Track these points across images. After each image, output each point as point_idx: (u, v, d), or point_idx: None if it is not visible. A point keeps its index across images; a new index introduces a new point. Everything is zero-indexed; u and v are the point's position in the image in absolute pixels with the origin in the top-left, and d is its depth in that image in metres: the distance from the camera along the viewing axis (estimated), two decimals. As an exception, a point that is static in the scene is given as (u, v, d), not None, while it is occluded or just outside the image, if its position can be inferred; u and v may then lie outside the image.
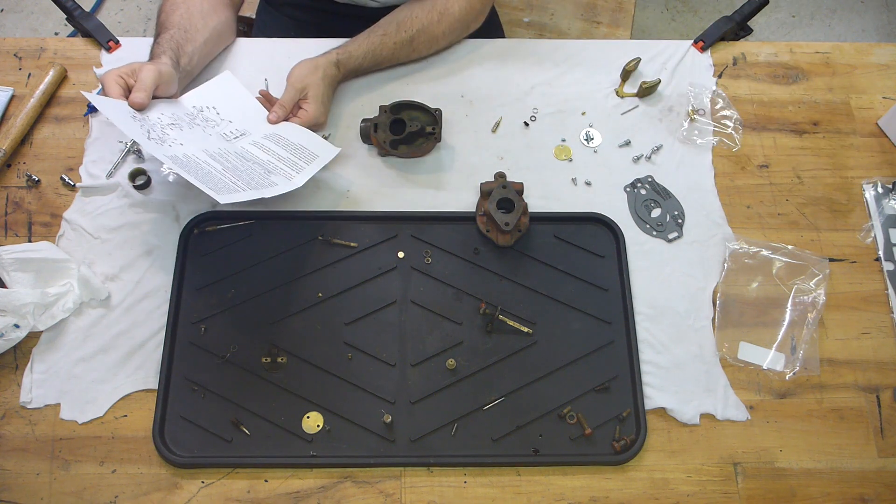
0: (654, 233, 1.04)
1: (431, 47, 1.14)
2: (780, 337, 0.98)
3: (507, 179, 1.03)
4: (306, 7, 1.31)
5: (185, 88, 1.07)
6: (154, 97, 0.97)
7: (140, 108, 0.94)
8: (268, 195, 0.93)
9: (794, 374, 0.96)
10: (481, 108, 1.13)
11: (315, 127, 1.07)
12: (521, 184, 1.03)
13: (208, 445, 0.89)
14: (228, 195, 0.89)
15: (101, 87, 1.08)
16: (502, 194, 1.00)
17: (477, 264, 1.01)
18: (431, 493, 0.88)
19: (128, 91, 0.95)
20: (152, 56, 1.01)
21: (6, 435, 0.90)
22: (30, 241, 1.01)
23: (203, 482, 0.88)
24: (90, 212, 1.03)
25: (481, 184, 1.04)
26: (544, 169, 1.08)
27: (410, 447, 0.90)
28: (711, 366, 0.96)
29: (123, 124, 0.90)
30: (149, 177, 1.05)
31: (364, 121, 1.08)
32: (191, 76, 1.08)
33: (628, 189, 1.07)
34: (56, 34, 2.30)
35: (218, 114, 1.04)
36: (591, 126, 1.12)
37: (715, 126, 1.13)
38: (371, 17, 1.28)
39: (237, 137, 1.02)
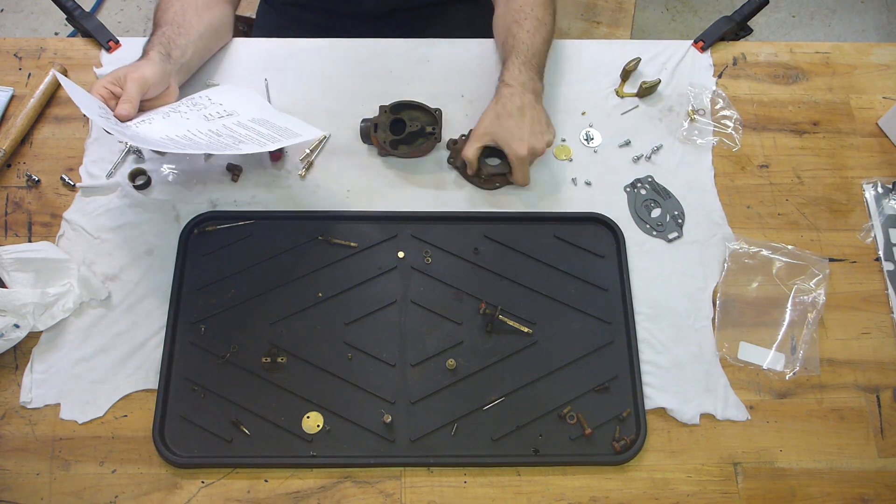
0: (654, 233, 1.04)
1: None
2: (780, 337, 0.98)
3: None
4: (306, 7, 1.31)
5: (185, 87, 1.07)
6: (145, 100, 0.95)
7: (125, 119, 0.91)
8: (227, 152, 0.90)
9: (794, 374, 0.96)
10: (481, 108, 1.12)
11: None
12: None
13: (208, 445, 0.89)
14: (176, 147, 0.87)
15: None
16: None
17: (477, 264, 1.01)
18: (431, 493, 0.88)
19: (115, 100, 0.93)
20: (143, 53, 1.01)
21: (6, 435, 0.90)
22: (30, 241, 1.01)
23: (203, 482, 0.88)
24: (90, 212, 1.03)
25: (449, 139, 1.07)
26: (544, 169, 1.08)
27: (410, 447, 0.90)
28: (711, 366, 0.96)
29: (91, 112, 0.87)
30: (149, 177, 1.05)
31: (364, 121, 1.08)
32: (189, 69, 1.07)
33: (628, 189, 1.07)
34: (56, 34, 2.30)
35: (210, 99, 1.01)
36: (591, 126, 1.12)
37: (715, 126, 1.13)
38: (372, 16, 1.28)
39: (221, 117, 0.98)
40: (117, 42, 1.16)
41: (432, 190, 1.07)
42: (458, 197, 1.06)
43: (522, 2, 1.10)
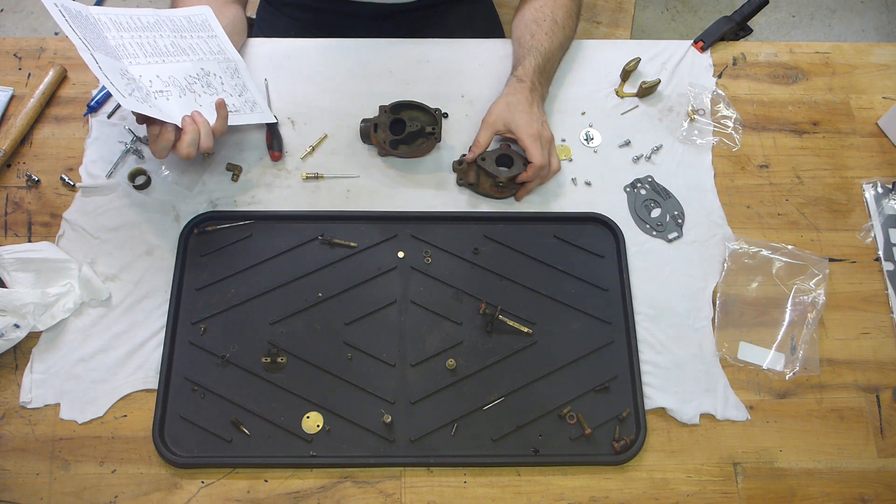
0: (654, 233, 1.04)
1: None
2: (779, 337, 0.98)
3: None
4: (307, 7, 1.31)
5: None
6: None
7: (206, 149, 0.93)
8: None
9: (793, 374, 0.96)
10: (481, 108, 1.13)
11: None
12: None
13: (208, 445, 0.89)
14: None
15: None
16: (501, 152, 1.04)
17: (477, 264, 1.01)
18: (431, 493, 0.88)
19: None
20: None
21: (6, 435, 0.90)
22: (30, 241, 1.01)
23: (203, 482, 0.88)
24: (90, 212, 1.03)
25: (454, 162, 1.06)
26: (544, 169, 1.08)
27: (410, 447, 0.90)
28: (711, 366, 0.96)
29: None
30: (149, 177, 1.05)
31: (364, 121, 1.08)
32: None
33: (628, 189, 1.07)
34: (56, 34, 2.30)
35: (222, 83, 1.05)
36: (591, 126, 1.12)
37: (715, 126, 1.13)
38: (372, 16, 1.28)
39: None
40: (117, 42, 1.16)
41: (432, 190, 1.07)
42: (458, 197, 1.06)
43: (544, 2, 1.11)
